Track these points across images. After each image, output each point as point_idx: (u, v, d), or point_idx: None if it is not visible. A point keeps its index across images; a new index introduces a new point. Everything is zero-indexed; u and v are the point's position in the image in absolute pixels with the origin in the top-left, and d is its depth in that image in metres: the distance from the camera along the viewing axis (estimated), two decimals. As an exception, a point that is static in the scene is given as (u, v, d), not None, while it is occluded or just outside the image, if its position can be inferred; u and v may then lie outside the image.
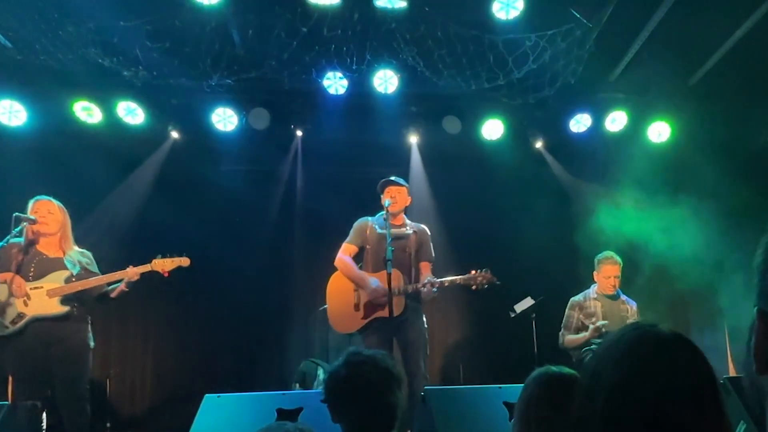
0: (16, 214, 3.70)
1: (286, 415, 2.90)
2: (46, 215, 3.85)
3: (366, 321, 4.12)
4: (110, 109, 5.61)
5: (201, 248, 5.63)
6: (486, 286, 4.08)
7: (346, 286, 4.24)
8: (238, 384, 5.44)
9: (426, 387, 3.41)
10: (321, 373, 5.60)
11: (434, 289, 4.04)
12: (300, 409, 2.93)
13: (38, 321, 3.71)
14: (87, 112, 5.59)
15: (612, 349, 1.03)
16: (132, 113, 5.66)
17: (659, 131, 6.19)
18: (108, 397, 5.67)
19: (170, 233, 5.66)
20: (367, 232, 4.30)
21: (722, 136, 5.66)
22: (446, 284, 4.09)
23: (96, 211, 5.66)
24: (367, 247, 4.28)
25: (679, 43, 5.36)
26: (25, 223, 3.73)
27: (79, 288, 3.81)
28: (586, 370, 1.08)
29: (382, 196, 4.29)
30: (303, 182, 6.26)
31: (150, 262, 3.96)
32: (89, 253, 4.10)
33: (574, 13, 4.80)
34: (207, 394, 3.11)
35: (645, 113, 6.16)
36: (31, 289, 3.74)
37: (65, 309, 3.78)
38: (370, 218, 4.38)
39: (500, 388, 3.19)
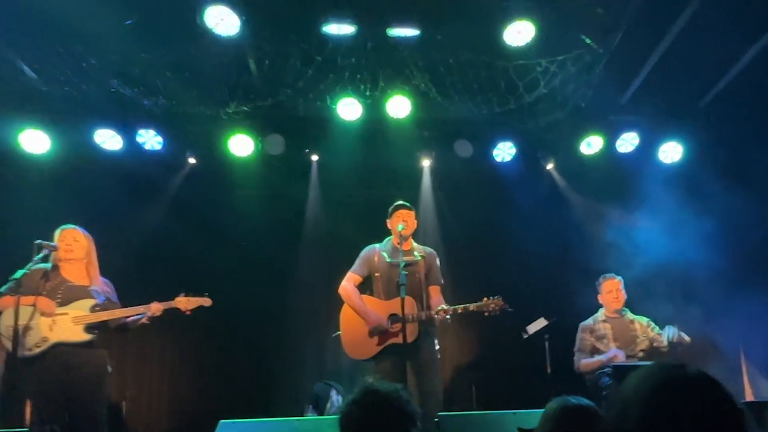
0: (38, 241, 3.77)
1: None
2: (72, 243, 3.96)
3: (380, 348, 4.12)
4: (131, 137, 5.75)
5: (216, 272, 5.71)
6: (499, 312, 4.09)
7: None
8: (252, 407, 5.45)
9: (440, 413, 3.41)
10: (334, 395, 5.61)
11: (447, 316, 4.05)
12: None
13: (60, 346, 3.77)
14: (108, 140, 5.73)
15: (640, 388, 1.03)
16: (151, 141, 5.80)
17: (670, 153, 6.22)
18: (124, 420, 5.70)
19: (187, 257, 5.76)
20: (376, 259, 4.28)
21: (733, 157, 5.66)
22: (459, 311, 4.08)
23: (116, 236, 5.76)
24: (377, 274, 4.26)
25: (690, 65, 5.39)
26: (46, 251, 3.79)
27: (105, 318, 3.89)
28: (612, 407, 1.08)
29: (389, 221, 4.32)
30: (318, 206, 6.33)
31: (173, 298, 4.10)
32: (111, 284, 4.19)
33: (585, 39, 4.86)
34: (222, 420, 3.14)
35: (656, 135, 6.18)
36: (56, 314, 3.81)
37: (88, 336, 3.86)
38: (377, 245, 4.37)
39: (515, 414, 3.20)
